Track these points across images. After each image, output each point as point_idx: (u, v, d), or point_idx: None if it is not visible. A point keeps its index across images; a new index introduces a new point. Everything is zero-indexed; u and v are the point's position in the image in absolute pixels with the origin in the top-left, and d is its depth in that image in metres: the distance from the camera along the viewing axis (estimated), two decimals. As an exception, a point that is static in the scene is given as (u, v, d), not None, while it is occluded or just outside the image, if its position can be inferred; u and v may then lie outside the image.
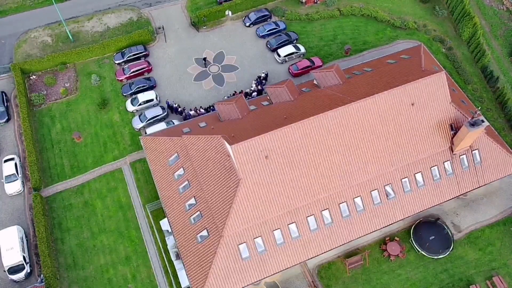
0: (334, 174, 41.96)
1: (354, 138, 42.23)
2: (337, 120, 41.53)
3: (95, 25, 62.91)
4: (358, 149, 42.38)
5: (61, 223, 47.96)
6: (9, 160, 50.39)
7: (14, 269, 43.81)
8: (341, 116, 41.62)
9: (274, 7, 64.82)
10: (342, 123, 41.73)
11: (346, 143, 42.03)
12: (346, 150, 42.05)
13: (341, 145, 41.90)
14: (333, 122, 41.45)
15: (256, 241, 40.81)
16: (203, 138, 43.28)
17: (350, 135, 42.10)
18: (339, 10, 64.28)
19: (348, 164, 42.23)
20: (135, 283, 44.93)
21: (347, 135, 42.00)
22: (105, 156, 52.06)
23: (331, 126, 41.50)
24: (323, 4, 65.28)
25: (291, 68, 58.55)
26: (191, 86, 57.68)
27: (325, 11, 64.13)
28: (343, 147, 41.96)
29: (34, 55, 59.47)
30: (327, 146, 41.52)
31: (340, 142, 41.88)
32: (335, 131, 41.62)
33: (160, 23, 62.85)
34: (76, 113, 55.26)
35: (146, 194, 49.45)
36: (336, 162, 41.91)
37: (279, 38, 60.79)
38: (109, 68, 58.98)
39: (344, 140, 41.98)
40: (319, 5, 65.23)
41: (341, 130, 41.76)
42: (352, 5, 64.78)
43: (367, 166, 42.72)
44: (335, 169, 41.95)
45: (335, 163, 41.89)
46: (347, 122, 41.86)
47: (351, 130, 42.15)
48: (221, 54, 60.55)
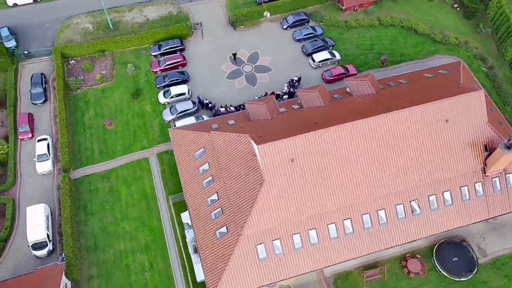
0: (359, 184, 41.36)
1: (383, 150, 41.54)
2: (368, 129, 40.96)
3: (136, 16, 64.19)
4: (386, 161, 41.65)
5: (86, 206, 49.03)
6: (42, 140, 51.94)
7: (38, 245, 45.05)
8: (372, 126, 41.03)
9: (313, 12, 64.60)
10: (372, 133, 41.12)
11: (374, 153, 41.39)
12: (373, 161, 41.41)
13: (369, 155, 41.29)
14: (363, 131, 40.90)
15: (274, 243, 40.66)
16: (231, 136, 43.46)
17: (379, 146, 41.43)
18: (379, 20, 63.48)
19: (374, 175, 41.56)
20: (152, 272, 45.47)
21: (376, 146, 41.36)
22: (133, 145, 52.97)
23: (361, 135, 40.96)
24: (363, 12, 64.63)
25: (324, 74, 58.17)
26: (224, 83, 58.07)
27: (364, 20, 63.45)
28: (370, 158, 41.34)
29: (75, 40, 61.14)
30: (355, 155, 41.00)
31: (368, 152, 41.28)
32: (364, 140, 41.06)
33: (199, 19, 63.57)
34: (109, 100, 56.48)
35: (170, 186, 50.01)
36: (362, 172, 41.32)
37: (315, 43, 60.51)
38: (145, 59, 60.04)
39: (373, 151, 41.36)
40: (359, 13, 64.61)
41: (370, 140, 41.16)
42: (392, 16, 63.88)
43: (394, 179, 41.93)
44: (361, 179, 41.35)
45: (361, 173, 41.31)
46: (377, 133, 41.22)
47: (381, 141, 41.48)
48: (255, 54, 60.73)
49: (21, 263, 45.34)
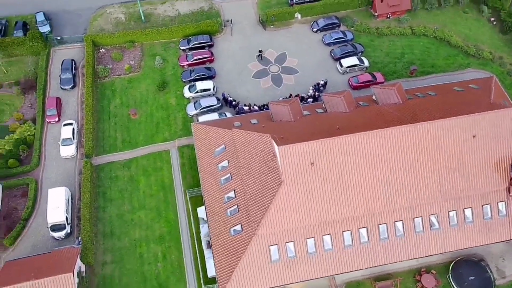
0: (378, 193, 40.80)
1: (405, 161, 40.87)
2: (391, 139, 40.37)
3: (167, 9, 64.88)
4: (407, 172, 40.96)
5: (105, 192, 49.84)
6: (68, 124, 53.07)
7: (56, 227, 46.05)
8: (396, 136, 40.41)
9: (345, 16, 64.05)
10: (396, 143, 40.51)
11: (395, 164, 40.76)
12: (394, 171, 40.79)
13: (390, 165, 40.69)
14: (386, 141, 40.33)
15: (287, 246, 40.52)
16: (252, 135, 43.46)
17: (402, 156, 40.78)
18: (412, 29, 62.44)
19: (394, 185, 40.94)
20: (164, 263, 45.91)
21: (398, 156, 40.72)
22: (156, 136, 53.57)
23: (384, 144, 40.40)
24: (395, 20, 63.70)
25: (351, 80, 57.61)
26: (249, 82, 58.14)
27: (397, 28, 62.53)
28: (392, 168, 40.73)
29: (106, 29, 62.22)
30: (376, 163, 40.46)
31: (390, 162, 40.67)
32: (386, 150, 40.48)
33: (229, 16, 63.80)
34: (135, 91, 57.26)
35: (189, 180, 50.39)
36: (382, 181, 40.75)
37: (344, 48, 59.97)
38: (174, 52, 60.63)
39: (394, 161, 40.73)
40: (391, 21, 63.70)
41: (393, 150, 40.55)
42: (426, 26, 62.73)
43: (414, 191, 41.21)
44: (380, 188, 40.79)
45: (381, 182, 40.74)
46: (400, 143, 40.59)
47: (403, 152, 40.82)
48: (283, 55, 60.60)
49: (39, 243, 46.42)
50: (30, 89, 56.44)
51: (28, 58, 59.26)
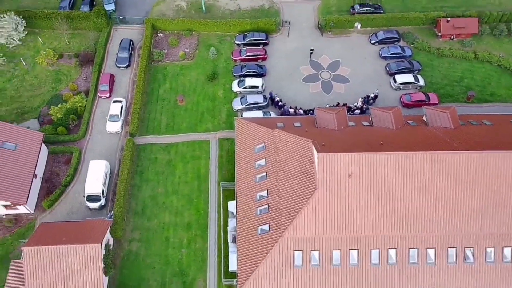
0: (413, 216, 39.47)
1: (447, 187, 39.29)
2: (436, 163, 38.92)
3: (229, 3, 65.57)
4: (447, 200, 39.37)
5: (143, 172, 51.04)
6: (118, 101, 54.77)
7: (92, 197, 47.61)
8: (441, 161, 38.93)
9: (406, 32, 62.30)
10: (440, 169, 39.01)
11: (436, 189, 39.28)
12: (434, 197, 39.32)
13: (430, 190, 39.27)
14: (430, 164, 38.93)
15: (312, 253, 39.92)
16: (294, 137, 43.15)
17: (444, 183, 39.24)
18: (475, 54, 59.85)
19: (431, 210, 39.47)
20: (188, 250, 46.45)
21: (440, 182, 39.21)
22: (198, 125, 54.28)
23: (427, 167, 39.01)
24: (459, 42, 61.30)
25: (403, 97, 55.98)
26: (299, 85, 57.76)
27: (459, 51, 60.13)
28: (431, 192, 39.28)
29: (167, 15, 63.70)
30: (415, 185, 39.14)
31: (430, 187, 39.24)
32: (429, 174, 39.07)
33: (289, 17, 63.64)
34: (186, 78, 58.26)
35: (224, 172, 50.71)
36: (419, 204, 39.39)
37: (401, 64, 58.37)
38: (228, 46, 61.20)
39: (436, 186, 39.26)
40: (454, 43, 61.34)
41: (436, 175, 39.08)
42: (491, 52, 59.96)
43: (452, 220, 39.53)
44: (416, 211, 39.45)
45: (417, 205, 39.39)
46: (446, 169, 39.06)
47: (447, 178, 39.26)
48: (337, 63, 59.77)
49: (74, 210, 48.19)
50: (88, 63, 58.68)
51: (90, 33, 61.68)
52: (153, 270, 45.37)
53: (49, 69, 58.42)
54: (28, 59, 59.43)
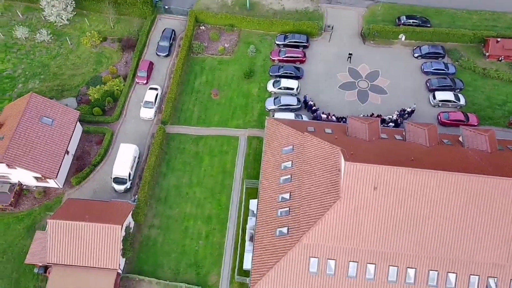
0: (437, 237, 38.33)
1: (476, 212, 37.93)
2: (466, 186, 37.65)
3: (273, 2, 65.48)
4: (474, 225, 37.99)
5: (170, 161, 51.69)
6: (154, 89, 55.68)
7: (119, 180, 48.63)
8: (473, 184, 37.61)
9: (452, 49, 60.48)
10: (470, 192, 37.72)
11: (465, 212, 37.98)
12: (459, 221, 38.13)
13: (456, 213, 38.07)
14: (460, 187, 37.69)
15: (329, 262, 39.38)
16: (323, 143, 42.67)
17: (472, 207, 37.96)
18: (522, 78, 57.53)
19: (454, 234, 38.26)
20: (206, 242, 46.75)
21: (468, 206, 37.95)
22: (230, 121, 54.51)
23: (456, 189, 37.80)
24: (507, 65, 58.97)
25: (441, 115, 54.35)
26: (334, 91, 57.06)
27: (506, 73, 57.83)
28: (458, 216, 38.09)
29: (211, 9, 64.25)
30: (441, 207, 38.06)
31: (457, 210, 38.04)
32: (457, 196, 37.87)
33: (332, 22, 62.98)
34: (222, 73, 58.60)
35: (249, 170, 50.70)
36: (444, 226, 38.21)
37: (442, 81, 56.69)
38: (268, 45, 61.14)
39: (463, 209, 38.01)
40: (502, 64, 59.07)
41: (465, 198, 37.83)
42: (540, 78, 57.48)
43: (480, 247, 38.11)
44: (440, 233, 38.28)
45: (442, 228, 38.26)
46: (476, 193, 37.72)
47: (476, 203, 37.96)
48: (376, 73, 58.67)
49: (100, 190, 49.34)
50: (129, 48, 59.94)
51: (135, 20, 62.99)
52: (169, 258, 45.90)
53: (92, 50, 60.06)
54: (74, 39, 61.29)
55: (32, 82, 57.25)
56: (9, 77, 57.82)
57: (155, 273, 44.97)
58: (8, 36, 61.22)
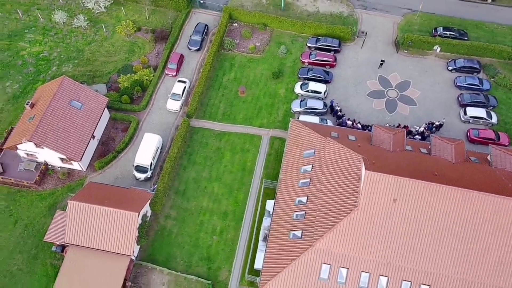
0: (454, 257, 37.34)
1: (496, 234, 36.82)
2: (489, 206, 36.50)
3: (308, 4, 65.11)
4: (493, 247, 36.85)
5: (192, 154, 52.15)
6: (182, 82, 56.25)
7: (140, 168, 49.40)
8: (495, 205, 36.45)
9: (488, 64, 58.72)
10: (491, 212, 36.58)
11: (484, 233, 36.94)
12: (479, 240, 37.04)
13: (477, 232, 37.01)
14: (482, 207, 36.58)
15: (340, 270, 38.92)
16: (345, 150, 42.18)
17: (493, 228, 36.79)
18: (560, 99, 55.37)
19: (474, 255, 37.21)
20: (220, 238, 46.98)
21: (489, 226, 36.81)
22: (254, 119, 54.55)
23: (479, 209, 36.73)
24: (544, 85, 56.97)
25: (471, 131, 52.87)
26: (362, 98, 56.31)
27: (543, 93, 55.91)
28: (479, 236, 37.00)
29: (246, 7, 64.40)
30: (461, 226, 37.12)
31: (478, 229, 36.96)
32: (478, 216, 36.77)
33: (366, 28, 62.15)
34: (251, 71, 58.69)
35: (269, 170, 50.64)
36: (462, 246, 37.21)
37: (475, 96, 55.11)
38: (299, 46, 60.84)
39: (483, 230, 36.93)
40: (539, 84, 57.09)
41: (486, 218, 36.68)
42: None
43: (492, 269, 36.97)
44: (458, 252, 37.30)
45: (460, 247, 37.25)
46: (498, 214, 36.55)
47: (497, 225, 36.76)
48: (406, 83, 57.56)
49: (121, 176, 50.26)
50: (162, 40, 60.76)
51: (170, 12, 63.82)
52: (182, 250, 46.35)
53: (126, 39, 61.16)
54: (109, 27, 62.57)
55: (66, 66, 58.76)
56: (44, 59, 59.56)
57: (167, 263, 45.51)
58: (47, 20, 63.05)
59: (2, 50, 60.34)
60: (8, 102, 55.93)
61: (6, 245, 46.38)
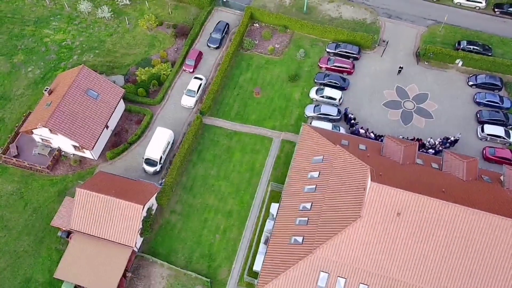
0: (456, 276, 36.62)
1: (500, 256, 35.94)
2: (494, 227, 35.74)
3: (331, 9, 64.64)
4: (497, 270, 35.98)
5: (202, 151, 52.47)
6: (198, 78, 56.61)
7: (149, 161, 49.96)
8: (501, 226, 35.62)
9: (511, 82, 57.22)
10: (496, 234, 35.81)
11: (488, 254, 36.13)
12: (483, 261, 36.24)
13: (481, 252, 36.23)
14: (487, 226, 35.82)
15: (338, 279, 38.64)
16: (354, 159, 41.79)
17: (498, 249, 36.01)
18: None
19: (476, 275, 36.49)
20: (222, 237, 47.15)
21: (494, 248, 36.02)
22: (267, 121, 54.50)
23: (483, 229, 35.98)
24: None
25: (487, 149, 51.62)
26: (378, 108, 55.63)
27: None
28: (483, 256, 36.23)
29: (268, 7, 64.35)
30: (466, 244, 36.35)
31: (482, 249, 36.20)
32: (483, 235, 36.03)
33: (388, 37, 61.34)
34: (268, 72, 58.63)
35: (277, 173, 50.56)
36: (464, 265, 36.47)
37: (495, 114, 53.79)
38: (318, 51, 60.47)
39: (488, 250, 36.15)
40: (562, 106, 55.32)
41: (490, 238, 35.89)
42: None
43: None
44: (460, 272, 36.57)
45: (463, 266, 36.51)
46: (502, 236, 35.69)
47: (502, 246, 35.91)
48: (425, 95, 56.59)
49: (130, 168, 50.93)
50: (182, 36, 61.27)
51: (192, 8, 64.29)
52: (184, 245, 46.71)
53: (147, 33, 61.92)
54: (132, 19, 63.43)
55: (87, 55, 59.86)
56: (67, 47, 60.80)
57: (168, 258, 45.95)
58: (72, 9, 64.37)
59: (28, 36, 61.88)
60: (28, 87, 57.33)
61: (15, 226, 47.60)
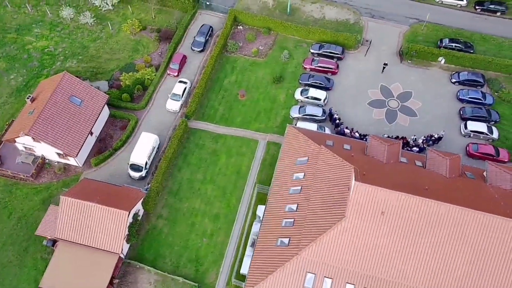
0: (441, 272, 36.87)
1: (482, 251, 36.34)
2: (476, 223, 36.01)
3: (314, 10, 64.89)
4: (480, 265, 36.29)
5: (187, 155, 52.32)
6: (183, 82, 56.48)
7: (135, 167, 49.70)
8: (482, 222, 35.92)
9: (493, 78, 57.85)
10: (479, 229, 36.11)
11: (471, 249, 36.45)
12: (467, 257, 36.52)
13: (464, 249, 36.48)
14: (469, 223, 36.13)
15: (325, 280, 38.70)
16: (338, 159, 41.94)
17: (480, 245, 36.33)
18: None
19: (460, 271, 36.72)
20: (210, 240, 47.01)
21: (476, 243, 36.34)
22: (252, 123, 54.51)
23: (466, 225, 36.33)
24: (549, 102, 55.90)
25: (470, 146, 52.11)
26: (362, 108, 55.90)
27: (547, 111, 54.87)
28: (466, 252, 36.49)
29: (252, 10, 64.44)
30: (449, 241, 36.59)
31: (465, 245, 36.45)
32: (466, 231, 36.40)
33: (371, 36, 61.72)
34: (253, 75, 58.68)
35: (263, 175, 50.56)
36: (449, 262, 36.75)
37: (477, 110, 54.32)
38: (302, 52, 60.66)
39: (471, 246, 36.46)
40: (544, 101, 56.05)
41: (473, 234, 36.25)
42: None
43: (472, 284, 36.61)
44: (445, 268, 36.84)
45: (447, 262, 36.79)
46: (485, 232, 36.06)
47: (484, 242, 36.30)
48: (408, 94, 56.99)
49: (116, 174, 50.62)
50: (166, 40, 61.12)
51: (176, 12, 64.22)
52: (172, 250, 46.52)
53: (131, 38, 61.69)
54: (115, 24, 63.16)
55: (70, 62, 59.47)
56: (49, 54, 60.38)
57: (155, 263, 45.72)
58: (55, 15, 63.96)
59: (9, 43, 61.37)
60: (11, 95, 56.83)
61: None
